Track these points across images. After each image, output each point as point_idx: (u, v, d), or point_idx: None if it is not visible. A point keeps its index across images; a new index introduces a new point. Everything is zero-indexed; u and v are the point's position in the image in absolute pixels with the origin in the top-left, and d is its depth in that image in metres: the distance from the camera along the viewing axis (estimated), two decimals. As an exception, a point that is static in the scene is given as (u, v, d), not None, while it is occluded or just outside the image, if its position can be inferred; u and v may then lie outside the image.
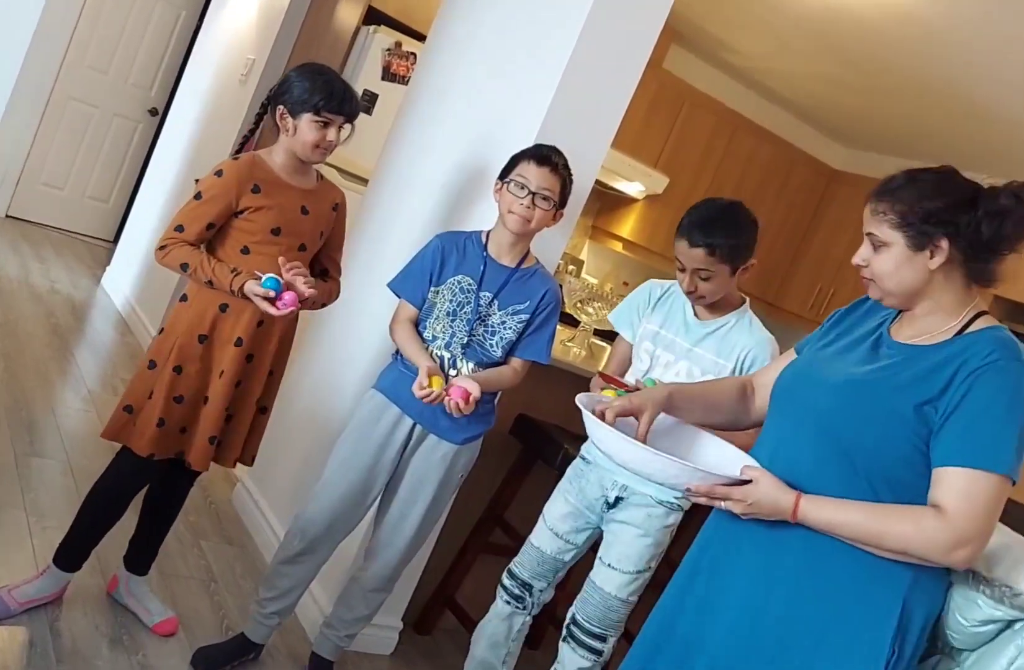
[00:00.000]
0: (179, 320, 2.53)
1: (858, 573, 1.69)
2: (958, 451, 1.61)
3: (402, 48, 4.64)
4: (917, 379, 1.67)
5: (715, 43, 5.84)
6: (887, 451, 1.67)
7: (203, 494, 3.70)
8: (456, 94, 3.29)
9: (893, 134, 6.31)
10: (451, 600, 3.23)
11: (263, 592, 2.65)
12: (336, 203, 2.68)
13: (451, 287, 2.53)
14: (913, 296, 1.75)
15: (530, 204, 2.45)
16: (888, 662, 1.66)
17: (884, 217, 1.73)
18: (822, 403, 1.75)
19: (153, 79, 7.61)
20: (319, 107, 2.44)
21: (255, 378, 2.58)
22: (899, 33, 4.47)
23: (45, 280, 6.02)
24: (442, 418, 2.52)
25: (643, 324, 2.61)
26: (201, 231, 2.48)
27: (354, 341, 3.33)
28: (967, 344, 1.68)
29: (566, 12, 2.83)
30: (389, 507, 2.60)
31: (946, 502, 1.60)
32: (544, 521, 2.60)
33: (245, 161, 2.52)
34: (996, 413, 1.61)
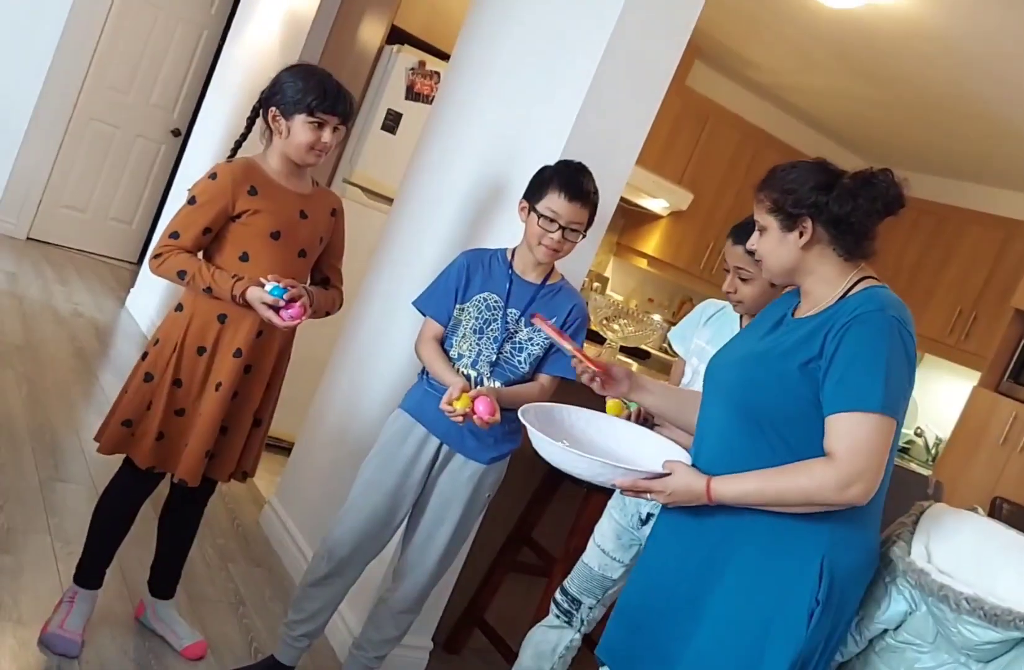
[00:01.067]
0: (174, 330, 2.46)
1: (780, 534, 1.82)
2: (835, 399, 1.76)
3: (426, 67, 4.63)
4: (800, 342, 1.83)
5: (738, 60, 5.84)
6: (788, 411, 1.82)
7: (230, 516, 3.68)
8: (480, 113, 3.27)
9: (915, 149, 6.29)
10: (481, 619, 3.20)
11: (292, 614, 2.62)
12: (334, 208, 2.61)
13: (477, 304, 2.50)
14: (792, 272, 1.93)
15: (560, 238, 2.43)
16: (811, 612, 1.78)
17: (762, 205, 1.94)
18: (726, 377, 1.94)
19: (175, 99, 7.63)
20: (312, 107, 2.39)
21: (253, 390, 2.52)
22: (919, 48, 4.47)
23: (68, 303, 6.03)
24: (468, 438, 2.49)
25: (694, 340, 2.62)
26: (197, 237, 2.41)
27: (380, 361, 3.31)
28: (841, 305, 1.84)
29: (590, 31, 2.82)
30: (416, 528, 2.57)
31: (832, 446, 1.74)
32: (593, 538, 2.62)
33: (240, 163, 2.46)
34: (863, 359, 1.75)
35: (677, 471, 1.87)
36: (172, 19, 7.42)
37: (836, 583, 1.80)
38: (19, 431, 3.78)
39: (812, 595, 1.78)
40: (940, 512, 2.00)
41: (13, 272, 6.24)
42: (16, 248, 6.92)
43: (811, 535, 1.81)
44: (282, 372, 2.62)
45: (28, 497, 3.25)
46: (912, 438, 6.15)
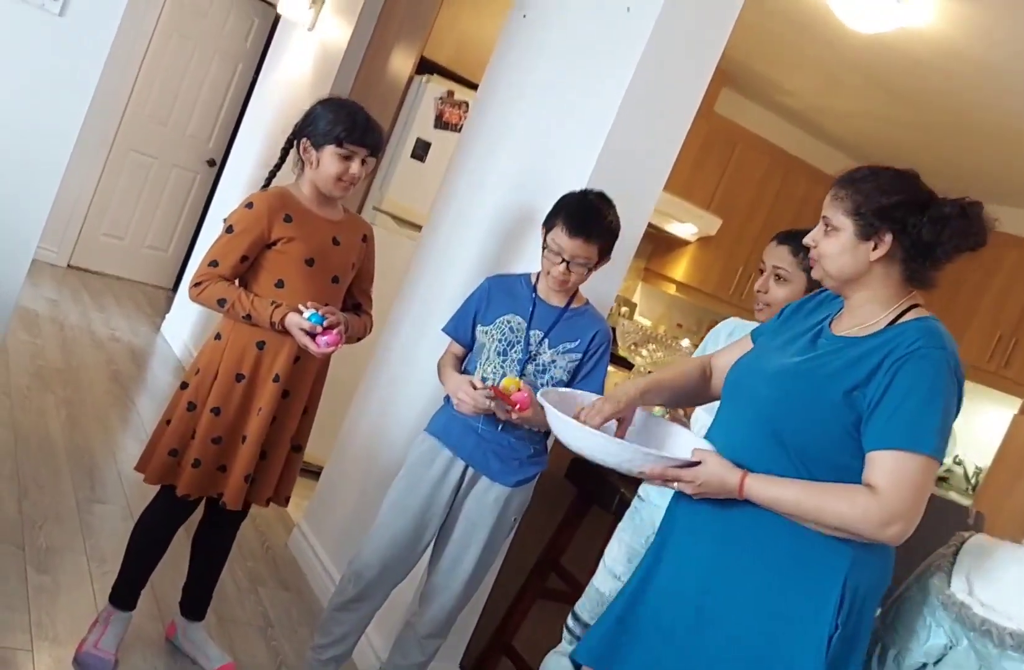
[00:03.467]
0: (214, 359, 2.51)
1: (801, 550, 1.78)
2: (886, 435, 1.71)
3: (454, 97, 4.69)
4: (846, 367, 1.77)
5: (766, 84, 5.85)
6: (819, 436, 1.77)
7: (260, 539, 3.72)
8: (508, 141, 3.32)
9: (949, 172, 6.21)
10: (508, 646, 3.18)
11: (319, 638, 2.64)
12: (365, 234, 2.67)
13: (500, 327, 2.53)
14: (850, 282, 1.85)
15: (564, 270, 2.45)
16: (830, 636, 1.74)
17: (841, 204, 1.83)
18: (759, 392, 1.86)
19: (211, 130, 7.78)
20: (341, 139, 2.44)
21: (290, 415, 2.57)
22: (954, 69, 4.43)
23: (106, 328, 6.13)
24: (493, 460, 2.51)
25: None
26: (236, 264, 2.47)
27: (409, 386, 3.34)
28: (895, 334, 1.78)
29: (618, 59, 2.85)
30: (443, 552, 2.59)
31: (877, 482, 1.69)
32: (604, 562, 2.61)
33: (275, 192, 2.52)
34: (918, 398, 1.70)
35: (708, 461, 1.81)
36: (208, 52, 7.58)
37: (855, 605, 1.76)
38: (58, 453, 3.86)
39: (832, 619, 1.74)
40: (981, 543, 1.95)
41: (55, 299, 6.37)
42: (57, 276, 7.07)
43: (834, 554, 1.76)
44: (318, 397, 2.67)
45: (66, 517, 3.32)
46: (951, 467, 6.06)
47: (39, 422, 4.13)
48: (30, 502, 3.34)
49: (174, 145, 7.67)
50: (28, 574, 2.87)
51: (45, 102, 2.72)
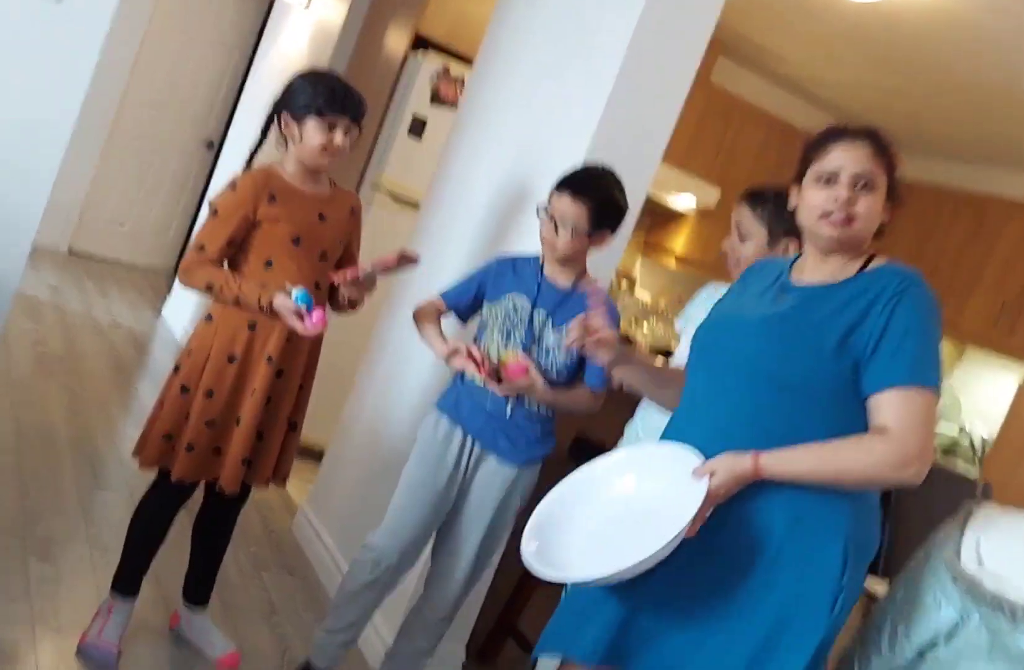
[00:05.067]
0: (205, 341, 2.49)
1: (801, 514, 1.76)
2: (890, 373, 1.72)
3: (450, 72, 4.65)
4: (835, 312, 1.78)
5: (763, 53, 5.80)
6: (822, 384, 1.76)
7: (263, 523, 3.71)
8: (505, 115, 3.28)
9: (948, 137, 6.17)
10: (514, 628, 3.17)
11: (331, 622, 2.60)
12: (352, 207, 2.65)
13: (505, 305, 2.50)
14: (861, 242, 1.86)
15: (551, 229, 2.43)
16: (835, 597, 1.74)
17: (881, 160, 1.83)
18: (745, 345, 1.84)
19: (209, 112, 7.75)
20: (322, 109, 2.41)
21: (286, 395, 2.55)
22: (948, 35, 4.38)
23: (107, 314, 6.12)
24: (502, 439, 2.49)
25: (693, 315, 2.62)
26: (222, 248, 2.45)
27: (410, 367, 3.32)
28: (875, 277, 1.80)
29: (611, 31, 2.82)
30: (448, 533, 2.56)
31: (887, 423, 1.70)
32: None
33: (258, 172, 2.50)
34: (917, 334, 1.73)
35: (714, 466, 1.74)
36: (206, 34, 7.57)
37: (856, 563, 1.77)
38: (60, 440, 3.85)
39: (837, 579, 1.74)
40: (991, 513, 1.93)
41: (56, 285, 6.37)
42: (58, 262, 7.05)
43: (834, 514, 1.76)
44: (312, 373, 2.65)
45: (68, 506, 3.31)
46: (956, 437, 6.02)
47: (41, 410, 4.12)
48: (32, 491, 3.33)
49: (173, 128, 7.64)
50: (30, 564, 2.86)
51: (43, 89, 2.72)
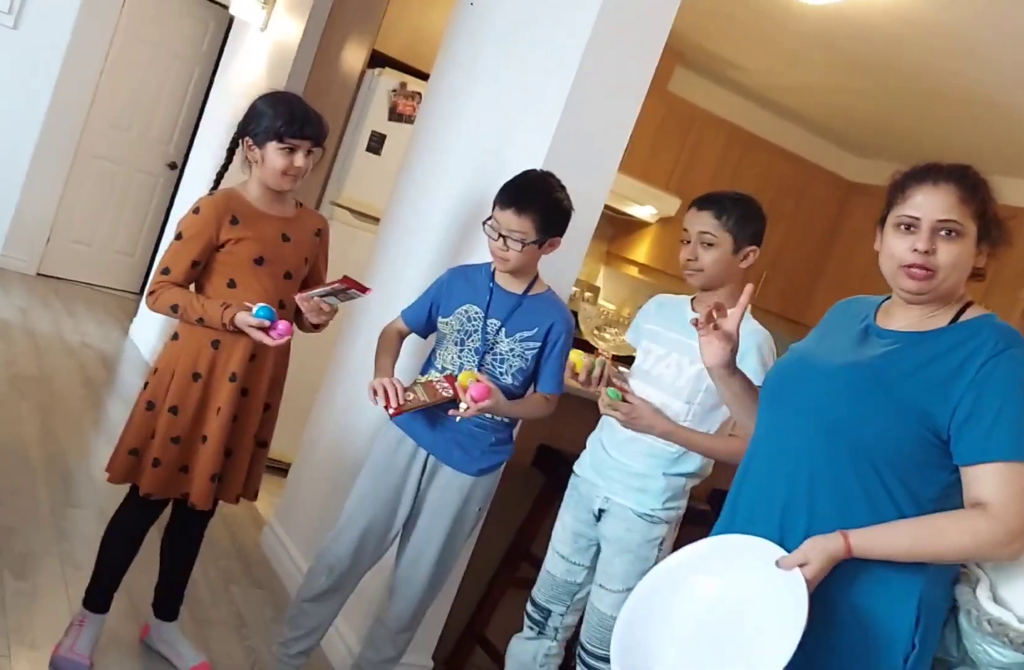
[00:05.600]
0: (171, 359, 2.54)
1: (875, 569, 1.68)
2: (990, 446, 1.61)
3: (407, 88, 4.70)
4: (921, 366, 1.67)
5: (719, 62, 5.85)
6: (892, 439, 1.66)
7: (231, 538, 3.74)
8: (461, 129, 3.32)
9: (907, 140, 6.24)
10: (481, 637, 3.19)
11: (288, 632, 2.65)
12: (319, 229, 2.68)
13: (459, 317, 2.54)
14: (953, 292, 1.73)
15: (502, 246, 2.45)
16: (907, 657, 1.66)
17: (968, 206, 1.70)
18: (818, 392, 1.74)
19: (172, 134, 7.78)
20: (281, 133, 2.45)
21: (251, 412, 2.59)
22: (905, 35, 4.42)
23: (76, 335, 6.14)
24: (455, 449, 2.53)
25: (645, 326, 2.63)
26: (187, 270, 2.50)
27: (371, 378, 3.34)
28: (970, 332, 1.69)
29: (566, 42, 2.86)
30: (407, 543, 2.60)
31: (989, 498, 1.60)
32: (552, 544, 2.62)
33: (221, 195, 2.54)
34: (1017, 403, 1.61)
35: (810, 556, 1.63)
36: (166, 56, 7.60)
37: (929, 620, 1.68)
38: (33, 459, 3.88)
39: (909, 638, 1.66)
40: None
41: (25, 307, 6.40)
42: (27, 284, 7.07)
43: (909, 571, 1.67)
44: (278, 392, 2.68)
45: (41, 523, 3.34)
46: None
47: (13, 429, 4.14)
48: (5, 508, 3.35)
49: (136, 150, 7.67)
50: (4, 579, 2.88)
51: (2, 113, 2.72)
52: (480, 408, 2.37)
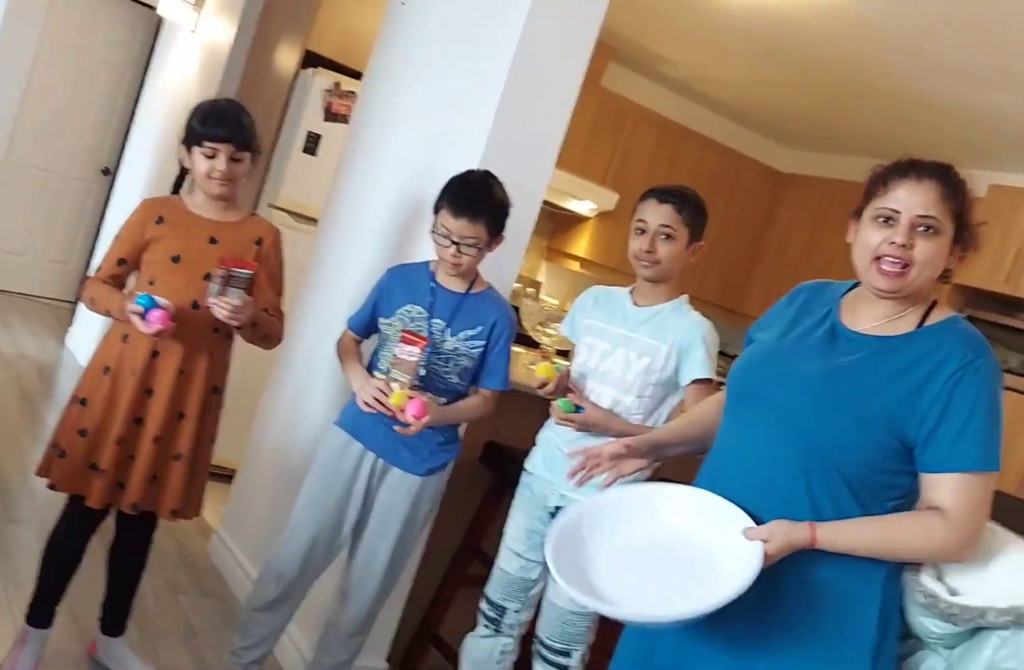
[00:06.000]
0: (95, 353, 2.57)
1: (837, 583, 1.71)
2: (953, 457, 1.64)
3: (341, 88, 4.67)
4: (891, 376, 1.68)
5: (651, 57, 5.90)
6: (861, 450, 1.67)
7: (178, 547, 3.69)
8: (397, 128, 3.31)
9: (835, 132, 6.35)
10: (435, 636, 3.17)
11: (239, 641, 2.63)
12: (260, 237, 2.63)
13: (401, 317, 2.53)
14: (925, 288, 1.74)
15: (456, 253, 2.45)
16: (876, 646, 1.69)
17: (947, 205, 1.70)
18: (789, 400, 1.74)
19: (104, 139, 7.65)
20: (200, 138, 2.48)
21: (154, 415, 2.50)
22: (830, 29, 4.48)
23: (11, 345, 6.02)
24: (403, 450, 2.52)
25: (583, 321, 2.61)
26: (112, 267, 2.54)
27: (317, 381, 3.33)
28: (938, 340, 1.70)
29: (497, 39, 2.86)
30: (358, 547, 2.59)
31: (947, 505, 1.64)
32: (504, 541, 2.62)
33: (157, 198, 2.62)
34: (981, 415, 1.64)
35: (771, 531, 1.65)
36: (95, 61, 7.46)
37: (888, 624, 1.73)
38: (-30, 477, 3.79)
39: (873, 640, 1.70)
40: None
41: (-44, 321, 6.24)
42: (-41, 297, 6.92)
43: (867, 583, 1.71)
44: (202, 404, 2.57)
45: (-21, 541, 3.26)
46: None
47: (-54, 447, 4.04)
48: (-58, 527, 3.27)
49: (68, 157, 7.54)
50: (-57, 601, 2.82)
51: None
52: (424, 424, 2.36)
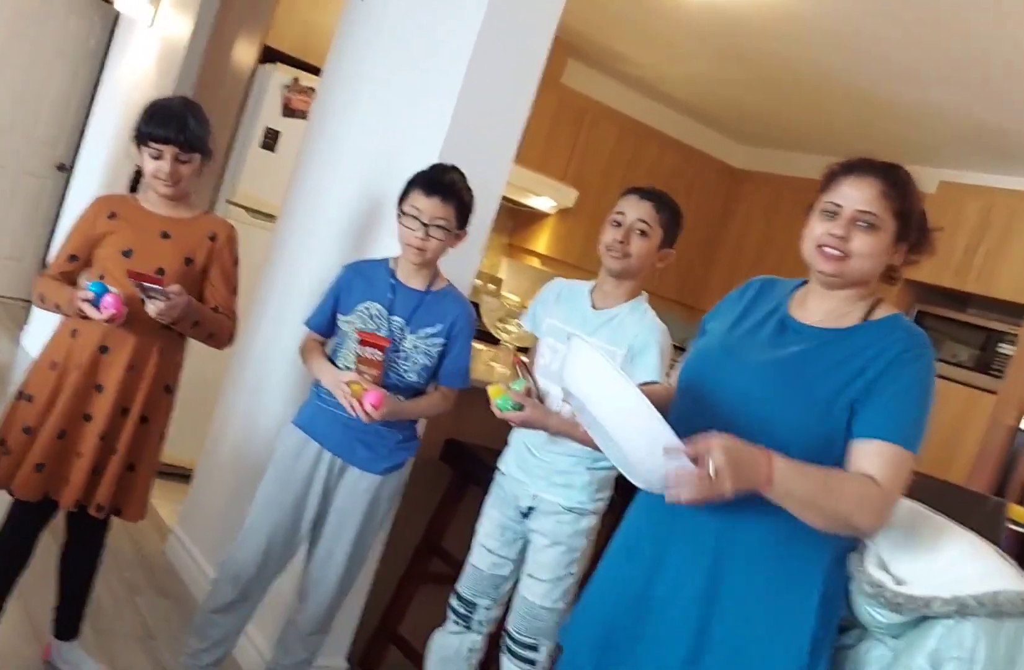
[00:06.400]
0: (45, 349, 2.54)
1: (788, 551, 1.75)
2: (884, 426, 1.69)
3: (300, 83, 4.64)
4: (835, 366, 1.74)
5: (609, 54, 5.92)
6: (807, 435, 1.72)
7: (135, 548, 3.65)
8: (356, 124, 3.29)
9: (789, 129, 6.43)
10: (395, 634, 3.16)
11: (195, 643, 2.60)
12: (215, 233, 2.60)
13: (360, 315, 2.51)
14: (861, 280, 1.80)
15: (424, 236, 2.42)
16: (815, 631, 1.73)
17: (890, 202, 1.75)
18: (740, 389, 1.79)
19: (60, 135, 7.53)
20: (145, 138, 2.46)
21: (103, 413, 2.47)
22: (784, 29, 4.54)
23: (-35, 346, 5.92)
24: (360, 449, 2.50)
25: (546, 319, 2.61)
26: (63, 264, 2.52)
27: (274, 379, 3.31)
28: (880, 332, 1.76)
29: (455, 38, 2.86)
30: (316, 546, 2.57)
31: (876, 472, 1.67)
32: (477, 538, 2.63)
33: (110, 195, 2.61)
34: (915, 397, 1.71)
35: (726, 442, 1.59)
36: (51, 55, 7.33)
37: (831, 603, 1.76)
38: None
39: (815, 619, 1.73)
40: None
41: (-93, 320, 6.13)
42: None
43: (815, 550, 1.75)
44: (154, 405, 2.54)
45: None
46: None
47: None
48: None
49: (22, 152, 7.40)
50: None
51: None
52: (383, 414, 2.35)
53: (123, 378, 2.49)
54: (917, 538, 1.81)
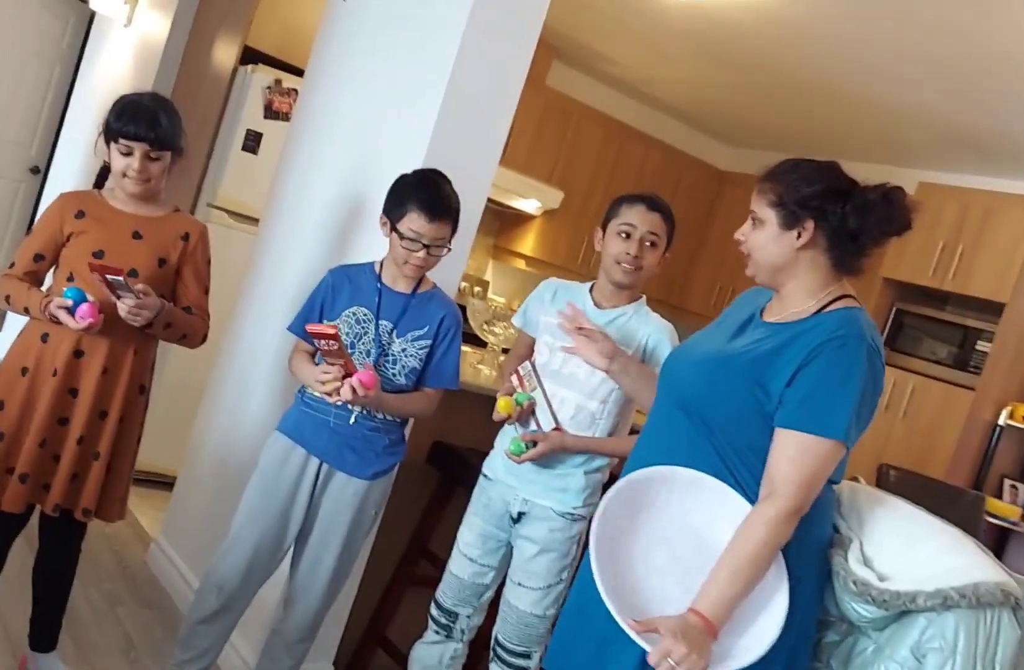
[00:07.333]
0: (10, 353, 2.46)
1: None
2: (795, 416, 1.75)
3: (282, 85, 4.58)
4: (771, 353, 1.80)
5: (594, 56, 5.92)
6: (739, 419, 1.80)
7: (116, 558, 3.59)
8: (339, 125, 3.25)
9: (773, 131, 6.48)
10: (382, 638, 3.13)
11: (180, 654, 2.55)
12: (187, 233, 2.55)
13: (347, 319, 2.47)
14: (778, 272, 1.88)
15: (426, 256, 2.41)
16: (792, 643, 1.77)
17: (764, 196, 1.88)
18: (683, 378, 1.92)
19: (33, 137, 7.45)
20: (115, 135, 2.40)
21: (80, 416, 2.43)
22: (767, 31, 4.57)
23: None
24: (348, 454, 2.46)
25: (542, 318, 2.58)
26: (28, 263, 2.45)
27: (257, 385, 3.26)
28: (817, 322, 1.81)
29: (440, 37, 2.83)
30: (303, 553, 2.53)
31: (776, 467, 1.74)
32: (458, 547, 2.58)
33: (75, 192, 2.52)
34: (834, 383, 1.74)
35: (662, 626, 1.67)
36: (24, 55, 7.23)
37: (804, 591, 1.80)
38: None
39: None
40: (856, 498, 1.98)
41: None
42: None
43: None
44: (129, 404, 2.50)
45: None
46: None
47: None
48: None
49: (-5, 154, 7.33)
50: None
51: None
52: (367, 395, 2.30)
53: (99, 382, 2.44)
54: (899, 533, 1.86)
